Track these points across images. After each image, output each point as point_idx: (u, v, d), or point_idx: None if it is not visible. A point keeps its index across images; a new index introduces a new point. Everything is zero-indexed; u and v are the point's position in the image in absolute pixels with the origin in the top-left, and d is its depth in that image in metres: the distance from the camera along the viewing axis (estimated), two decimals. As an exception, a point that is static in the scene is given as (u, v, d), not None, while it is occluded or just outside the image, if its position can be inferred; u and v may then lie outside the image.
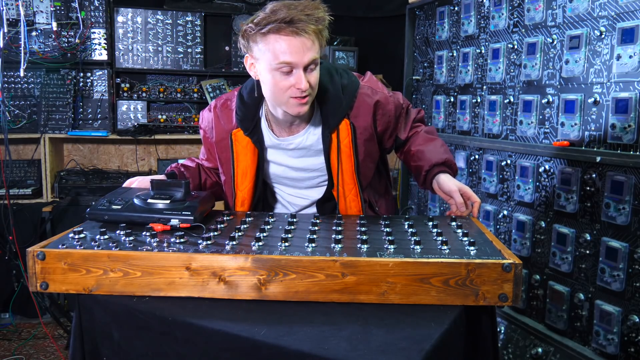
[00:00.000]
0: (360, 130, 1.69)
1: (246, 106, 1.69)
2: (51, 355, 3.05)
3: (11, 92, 3.52)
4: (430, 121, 3.14)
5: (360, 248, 1.30)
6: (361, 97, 1.68)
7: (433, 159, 1.74)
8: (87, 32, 3.62)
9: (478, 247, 1.30)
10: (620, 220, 1.89)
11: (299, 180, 1.80)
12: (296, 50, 1.46)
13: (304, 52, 1.46)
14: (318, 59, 1.51)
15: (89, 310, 1.31)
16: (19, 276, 3.25)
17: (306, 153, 1.73)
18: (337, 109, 1.66)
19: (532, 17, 2.30)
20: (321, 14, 1.48)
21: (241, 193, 1.76)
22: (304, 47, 1.46)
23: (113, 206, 1.51)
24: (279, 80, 1.51)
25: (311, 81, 1.51)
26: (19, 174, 3.62)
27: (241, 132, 1.70)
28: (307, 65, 1.48)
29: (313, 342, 1.07)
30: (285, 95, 1.52)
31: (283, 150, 1.74)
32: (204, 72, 4.00)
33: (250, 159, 1.72)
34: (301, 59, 1.47)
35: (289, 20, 1.43)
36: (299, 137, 1.70)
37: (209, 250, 1.28)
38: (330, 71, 1.69)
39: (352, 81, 1.70)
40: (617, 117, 1.90)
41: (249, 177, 1.74)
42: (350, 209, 1.74)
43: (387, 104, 1.72)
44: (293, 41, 1.45)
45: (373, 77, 1.78)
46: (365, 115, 1.69)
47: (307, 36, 1.46)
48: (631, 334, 1.85)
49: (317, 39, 1.49)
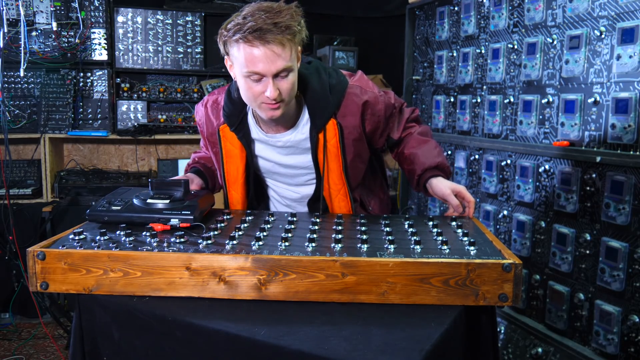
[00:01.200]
0: (348, 130, 1.68)
1: (233, 102, 1.70)
2: (51, 355, 3.05)
3: (11, 92, 3.52)
4: (430, 121, 3.14)
5: (361, 248, 1.30)
6: (349, 96, 1.67)
7: (426, 162, 1.74)
8: (87, 32, 3.62)
9: (478, 247, 1.31)
10: (620, 220, 1.89)
11: (288, 176, 1.80)
12: (264, 59, 1.44)
13: (272, 61, 1.45)
14: (291, 65, 1.49)
15: (89, 310, 1.31)
16: (19, 276, 3.25)
17: (294, 150, 1.73)
18: (324, 108, 1.65)
19: (532, 17, 2.30)
20: (289, 22, 1.45)
21: (234, 190, 1.77)
22: (273, 56, 1.44)
23: (113, 207, 1.51)
24: (251, 86, 1.51)
25: (282, 88, 1.50)
26: (19, 174, 3.62)
27: (227, 128, 1.71)
28: (276, 73, 1.47)
29: (313, 342, 1.07)
30: (257, 100, 1.53)
31: (272, 147, 1.74)
32: (204, 72, 4.00)
33: (239, 155, 1.73)
34: (269, 68, 1.46)
35: (257, 29, 1.42)
36: (287, 135, 1.70)
37: (209, 250, 1.28)
38: (319, 70, 1.68)
39: (341, 81, 1.68)
40: (617, 117, 1.90)
41: (240, 172, 1.75)
42: (340, 208, 1.75)
43: (376, 103, 1.70)
44: (260, 51, 1.44)
45: (364, 76, 1.76)
46: (353, 115, 1.67)
47: (275, 46, 1.44)
48: (631, 334, 1.85)
49: (289, 45, 1.46)
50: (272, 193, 1.88)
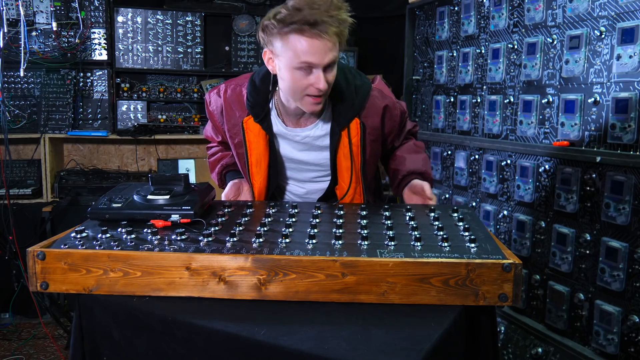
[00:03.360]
0: (369, 131, 1.73)
1: (258, 93, 1.71)
2: (51, 355, 3.05)
3: (11, 92, 3.52)
4: (430, 121, 3.14)
5: (361, 245, 1.30)
6: (372, 99, 1.73)
7: (414, 167, 1.82)
8: (87, 32, 3.62)
9: (479, 245, 1.30)
10: (620, 220, 1.89)
11: (299, 171, 1.83)
12: (318, 51, 1.47)
13: (326, 53, 1.48)
14: (337, 59, 1.53)
15: (89, 310, 1.31)
16: (19, 276, 3.25)
17: (311, 147, 1.76)
18: (350, 107, 1.69)
19: (532, 17, 2.30)
20: (344, 16, 1.50)
21: (257, 183, 1.78)
22: (326, 48, 1.48)
23: (114, 204, 1.51)
24: (298, 78, 1.52)
25: (329, 80, 1.54)
26: (19, 174, 3.62)
27: (252, 119, 1.71)
28: (327, 65, 1.51)
29: (313, 342, 1.07)
30: (302, 93, 1.56)
31: (289, 141, 1.77)
32: (204, 72, 4.00)
33: (263, 146, 1.73)
34: (322, 59, 1.49)
35: (313, 22, 1.44)
36: (307, 130, 1.73)
37: (209, 249, 1.28)
38: (344, 70, 1.72)
39: (365, 82, 1.74)
40: (617, 117, 1.90)
41: (263, 165, 1.75)
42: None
43: (394, 109, 1.79)
44: (315, 42, 1.46)
45: (383, 82, 1.83)
46: (375, 117, 1.74)
47: (329, 38, 1.47)
48: (631, 334, 1.85)
49: (339, 39, 1.51)
50: (288, 183, 1.90)
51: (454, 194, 2.92)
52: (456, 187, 2.90)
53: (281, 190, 1.91)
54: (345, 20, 1.50)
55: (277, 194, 1.91)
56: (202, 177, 4.00)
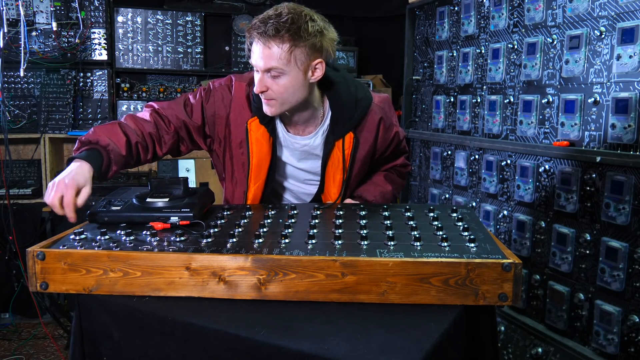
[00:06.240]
0: (362, 146, 1.76)
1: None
2: (51, 355, 3.05)
3: (11, 92, 3.52)
4: (430, 121, 3.14)
5: (361, 245, 1.30)
6: (371, 114, 1.76)
7: (363, 194, 1.88)
8: (87, 32, 3.62)
9: (478, 244, 1.30)
10: (620, 220, 1.89)
11: (292, 177, 1.86)
12: (257, 54, 1.55)
13: (263, 58, 1.54)
14: (283, 69, 1.54)
15: (89, 310, 1.31)
16: (19, 276, 3.25)
17: (308, 156, 1.79)
18: (348, 119, 1.71)
19: (532, 17, 2.30)
20: (292, 27, 1.51)
21: (254, 185, 1.77)
22: (267, 54, 1.53)
23: (112, 207, 1.51)
24: (254, 78, 1.61)
25: (272, 88, 1.57)
26: (19, 174, 3.62)
27: (257, 121, 1.71)
28: (265, 70, 1.55)
29: (313, 342, 1.07)
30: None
31: (287, 148, 1.78)
32: (204, 72, 4.00)
33: (266, 149, 1.73)
34: (258, 63, 1.56)
35: (263, 31, 1.52)
36: (307, 139, 1.75)
37: (209, 249, 1.28)
38: (347, 81, 1.75)
39: (366, 96, 1.75)
40: (617, 117, 1.90)
41: (263, 169, 1.75)
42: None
43: (390, 130, 1.82)
44: (260, 47, 1.55)
45: (389, 101, 1.85)
46: (370, 132, 1.77)
47: (271, 44, 1.52)
48: (631, 334, 1.85)
49: (289, 49, 1.52)
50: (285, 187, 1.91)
51: (454, 194, 2.92)
52: (456, 187, 2.90)
53: (274, 193, 1.91)
54: (292, 30, 1.51)
55: (270, 196, 1.90)
56: (202, 178, 4.00)
